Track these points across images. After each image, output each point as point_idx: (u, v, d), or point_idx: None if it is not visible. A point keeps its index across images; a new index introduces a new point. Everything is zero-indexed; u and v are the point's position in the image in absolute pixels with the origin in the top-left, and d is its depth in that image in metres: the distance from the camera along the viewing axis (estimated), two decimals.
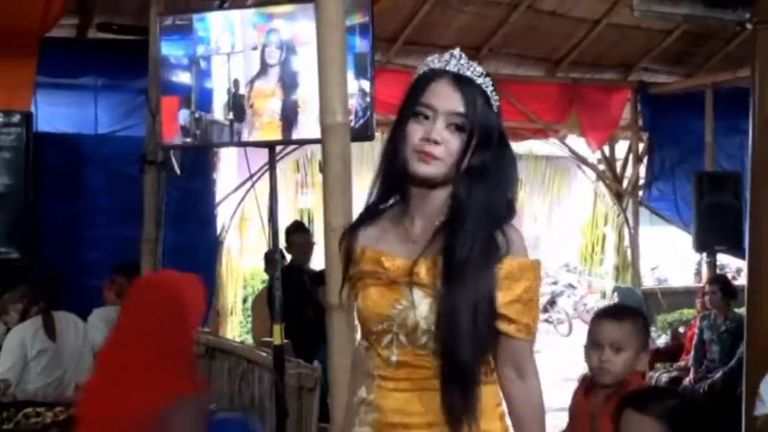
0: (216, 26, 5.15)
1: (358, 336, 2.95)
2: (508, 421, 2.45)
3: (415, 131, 2.28)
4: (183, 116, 5.25)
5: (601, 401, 3.26)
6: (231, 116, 5.05)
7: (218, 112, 5.06)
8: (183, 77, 5.25)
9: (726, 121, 10.14)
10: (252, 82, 4.99)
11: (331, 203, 3.42)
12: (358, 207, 2.72)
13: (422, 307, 2.31)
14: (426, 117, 2.29)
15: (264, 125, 4.98)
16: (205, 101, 5.11)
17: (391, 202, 2.45)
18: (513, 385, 2.37)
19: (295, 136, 5.08)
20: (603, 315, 3.51)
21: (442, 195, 2.36)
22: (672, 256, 12.47)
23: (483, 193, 2.34)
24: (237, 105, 5.01)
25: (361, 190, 2.75)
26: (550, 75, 10.18)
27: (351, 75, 4.25)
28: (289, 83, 4.91)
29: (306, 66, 4.79)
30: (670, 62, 10.43)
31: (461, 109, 2.28)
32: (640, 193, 11.02)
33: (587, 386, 3.44)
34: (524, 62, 10.06)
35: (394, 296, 2.35)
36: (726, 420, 4.66)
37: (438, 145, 2.26)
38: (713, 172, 10.00)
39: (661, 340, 9.76)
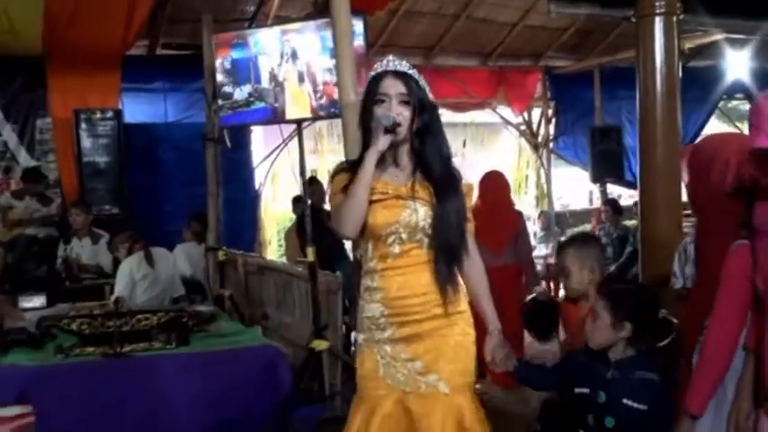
0: (258, 40, 4.99)
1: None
2: None
3: (380, 112, 2.39)
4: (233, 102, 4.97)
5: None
6: (272, 99, 4.89)
7: (266, 95, 4.91)
8: (229, 77, 5.04)
9: (608, 92, 10.30)
10: (280, 76, 4.85)
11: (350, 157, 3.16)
12: None
13: (421, 212, 2.38)
14: (383, 101, 2.40)
15: (292, 107, 4.84)
16: (254, 87, 4.94)
17: None
18: (467, 261, 2.47)
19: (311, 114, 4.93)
20: (559, 247, 3.21)
21: (406, 147, 2.45)
22: (573, 187, 12.43)
23: (434, 141, 2.44)
24: (275, 92, 4.88)
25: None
26: (483, 64, 10.30)
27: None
28: (302, 76, 4.79)
29: (309, 64, 4.78)
30: (567, 51, 10.47)
31: (404, 90, 2.39)
32: (551, 144, 11.01)
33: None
34: (465, 56, 10.17)
35: (399, 208, 2.39)
36: None
37: (398, 115, 2.38)
38: (601, 126, 10.18)
39: None
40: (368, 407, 2.43)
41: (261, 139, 9.65)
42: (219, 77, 5.17)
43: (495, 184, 5.59)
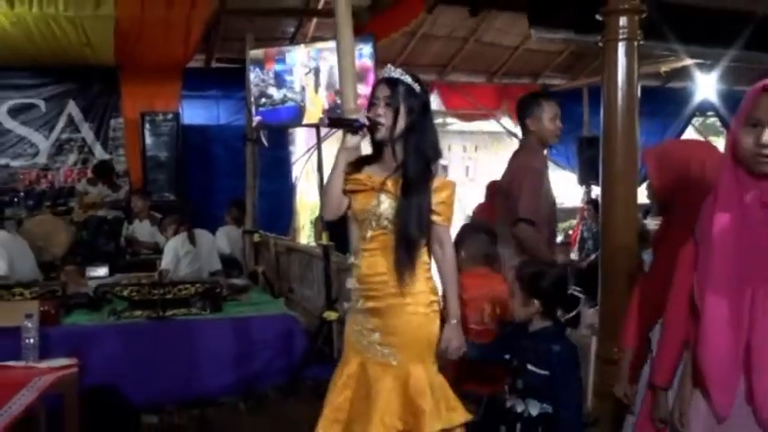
0: (293, 55, 5.23)
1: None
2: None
3: (371, 114, 2.33)
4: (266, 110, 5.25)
5: None
6: (300, 100, 5.13)
7: (295, 97, 5.14)
8: (272, 82, 5.28)
9: (595, 107, 9.02)
10: (304, 84, 5.13)
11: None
12: None
13: (385, 203, 2.32)
14: (375, 104, 2.34)
15: (310, 110, 5.10)
16: (288, 90, 5.21)
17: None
18: (438, 252, 2.38)
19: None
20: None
21: (396, 147, 2.37)
22: (564, 188, 12.24)
23: (416, 141, 2.33)
24: (301, 95, 5.11)
25: None
26: (489, 81, 10.20)
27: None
28: (318, 87, 5.06)
29: (328, 77, 5.01)
30: (561, 71, 10.34)
31: (389, 94, 2.31)
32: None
33: None
34: (473, 73, 10.08)
35: (370, 198, 2.35)
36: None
37: (379, 117, 2.32)
38: (588, 137, 9.73)
39: (559, 238, 9.34)
40: (341, 366, 2.43)
41: (303, 139, 9.46)
42: (265, 82, 5.36)
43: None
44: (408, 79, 2.34)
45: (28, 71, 8.04)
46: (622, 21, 3.49)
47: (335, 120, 2.37)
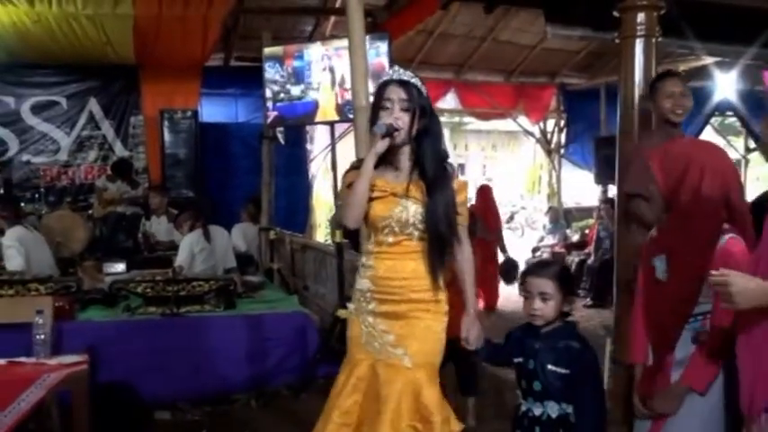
0: (310, 53, 5.30)
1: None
2: None
3: (385, 116, 2.29)
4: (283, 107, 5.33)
5: None
6: (316, 94, 5.16)
7: (312, 92, 5.19)
8: (290, 78, 5.35)
9: (612, 106, 9.21)
10: (320, 79, 5.18)
11: (359, 155, 3.32)
12: None
13: (411, 209, 2.30)
14: (387, 107, 2.29)
15: (324, 106, 5.15)
16: (306, 85, 5.28)
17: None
18: (458, 250, 2.38)
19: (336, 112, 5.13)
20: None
21: (407, 149, 2.34)
22: (580, 187, 12.26)
23: (431, 143, 2.32)
24: (317, 91, 5.17)
25: None
26: (506, 80, 10.18)
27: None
28: (334, 83, 5.10)
29: (342, 74, 5.03)
30: (578, 70, 10.30)
31: (405, 96, 2.27)
32: (562, 150, 10.92)
33: None
34: (491, 72, 10.05)
35: (393, 204, 2.31)
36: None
37: (398, 120, 2.28)
38: (605, 137, 9.38)
39: (575, 237, 9.82)
40: (349, 368, 2.37)
41: (322, 137, 9.42)
42: (284, 78, 5.41)
43: (486, 191, 7.68)
44: (418, 81, 2.32)
45: (50, 69, 8.04)
46: (640, 17, 3.47)
47: (389, 125, 2.27)
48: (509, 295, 7.07)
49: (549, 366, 2.26)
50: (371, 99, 2.58)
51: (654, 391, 2.09)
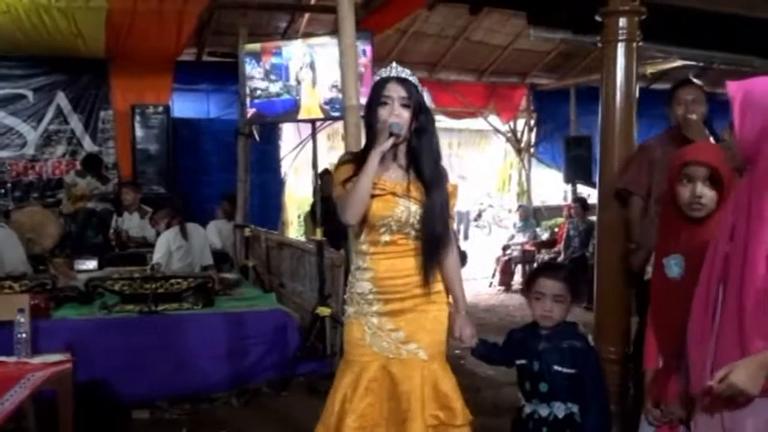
0: (290, 49, 5.15)
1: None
2: None
3: (384, 113, 2.26)
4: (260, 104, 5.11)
5: None
6: (295, 93, 5.03)
7: (291, 90, 5.05)
8: (268, 75, 5.16)
9: (582, 107, 10.20)
10: (300, 78, 5.04)
11: (348, 145, 3.26)
12: None
13: (412, 209, 2.29)
14: (387, 104, 2.27)
15: (306, 104, 5.01)
16: (284, 83, 5.11)
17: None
18: (446, 251, 2.38)
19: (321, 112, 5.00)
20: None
21: (404, 147, 2.33)
22: (549, 186, 12.43)
23: (428, 141, 2.32)
24: (297, 88, 5.03)
25: None
26: (478, 79, 10.26)
27: None
28: (315, 81, 4.99)
29: (325, 71, 4.93)
30: (549, 71, 10.43)
31: (405, 94, 2.27)
32: (532, 149, 11.02)
33: None
34: (462, 72, 10.09)
35: (393, 204, 2.30)
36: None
37: (398, 117, 2.26)
38: (575, 136, 10.10)
39: (545, 236, 9.86)
40: (355, 372, 2.33)
41: (290, 134, 9.42)
42: (261, 74, 5.29)
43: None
44: (415, 79, 2.32)
45: (16, 61, 7.85)
46: (622, 22, 3.51)
47: (402, 125, 2.26)
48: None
49: (555, 367, 2.28)
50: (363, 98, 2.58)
51: (667, 395, 2.08)
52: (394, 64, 2.35)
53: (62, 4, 5.95)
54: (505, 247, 9.67)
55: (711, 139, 3.25)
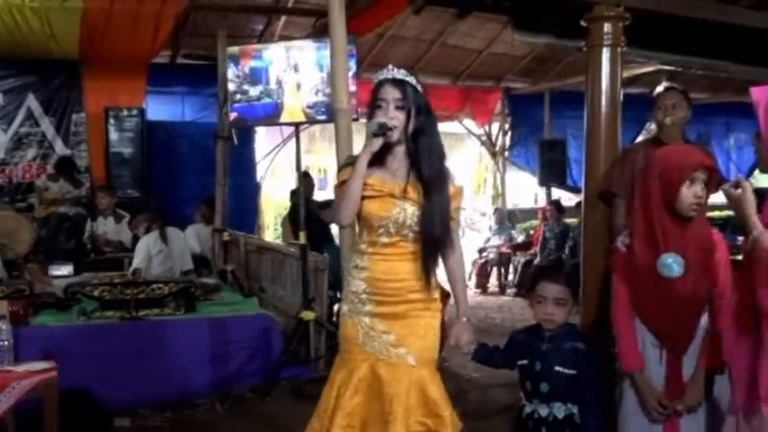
0: (270, 53, 5.07)
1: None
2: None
3: (380, 115, 2.24)
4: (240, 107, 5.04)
5: None
6: (276, 96, 4.97)
7: (272, 93, 5.00)
8: (247, 78, 5.08)
9: (556, 111, 10.30)
10: (283, 81, 4.98)
11: (341, 158, 3.19)
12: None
13: (409, 211, 2.28)
14: (382, 106, 2.25)
15: (289, 108, 4.95)
16: (264, 87, 5.04)
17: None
18: (450, 254, 2.36)
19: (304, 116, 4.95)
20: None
21: (402, 148, 2.29)
22: (522, 189, 12.17)
23: (427, 143, 2.27)
24: (278, 92, 4.97)
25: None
26: (453, 83, 10.24)
27: None
28: (300, 85, 4.93)
29: (307, 75, 4.91)
30: (524, 75, 10.41)
31: (400, 95, 2.24)
32: (506, 153, 11.03)
33: None
34: (438, 75, 9.99)
35: (390, 205, 2.28)
36: None
37: (393, 119, 2.23)
38: (549, 140, 10.17)
39: (520, 238, 9.94)
40: (347, 369, 2.33)
41: (264, 138, 9.32)
42: (240, 78, 5.23)
43: None
44: (413, 80, 2.28)
45: None
46: (606, 27, 3.57)
47: (382, 124, 2.22)
48: None
49: (557, 368, 2.30)
50: (353, 101, 2.54)
51: (677, 390, 2.13)
52: (391, 66, 2.32)
53: (36, 4, 5.83)
54: (481, 250, 9.75)
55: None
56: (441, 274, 2.37)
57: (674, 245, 2.17)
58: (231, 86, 5.21)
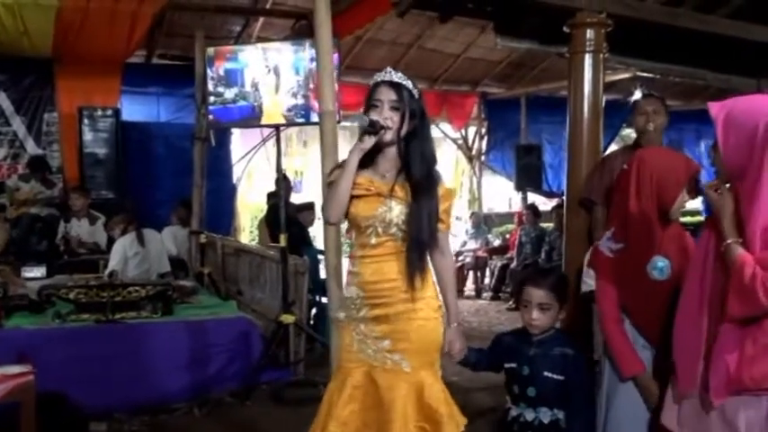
0: (246, 55, 5.00)
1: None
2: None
3: (373, 115, 2.23)
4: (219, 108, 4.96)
5: None
6: (253, 99, 4.91)
7: (248, 96, 4.95)
8: (222, 80, 5.01)
9: (532, 116, 10.36)
10: (260, 84, 4.90)
11: (326, 160, 3.15)
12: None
13: (395, 210, 2.27)
14: (377, 106, 2.25)
15: (268, 111, 4.89)
16: (240, 90, 4.99)
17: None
18: (440, 259, 2.35)
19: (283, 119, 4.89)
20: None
21: (394, 150, 2.29)
22: (497, 194, 12.28)
23: (419, 145, 2.27)
24: (254, 95, 4.91)
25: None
26: (430, 87, 10.10)
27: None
28: (278, 88, 4.87)
29: (285, 77, 4.85)
30: (500, 80, 10.41)
31: (395, 97, 2.25)
32: (483, 157, 11.05)
33: None
34: (416, 79, 8.48)
35: (377, 204, 2.28)
36: None
37: (387, 119, 2.23)
38: (525, 145, 10.14)
39: (497, 242, 10.04)
40: (341, 377, 2.32)
41: (239, 140, 9.23)
42: (214, 80, 5.15)
43: None
44: (410, 84, 2.30)
45: None
46: (589, 33, 3.63)
47: (372, 121, 2.21)
48: None
49: (546, 373, 2.30)
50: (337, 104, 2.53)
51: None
52: (388, 68, 2.33)
53: (9, 1, 5.71)
54: (458, 254, 9.77)
55: None
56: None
57: (662, 248, 2.20)
58: (205, 88, 5.16)
